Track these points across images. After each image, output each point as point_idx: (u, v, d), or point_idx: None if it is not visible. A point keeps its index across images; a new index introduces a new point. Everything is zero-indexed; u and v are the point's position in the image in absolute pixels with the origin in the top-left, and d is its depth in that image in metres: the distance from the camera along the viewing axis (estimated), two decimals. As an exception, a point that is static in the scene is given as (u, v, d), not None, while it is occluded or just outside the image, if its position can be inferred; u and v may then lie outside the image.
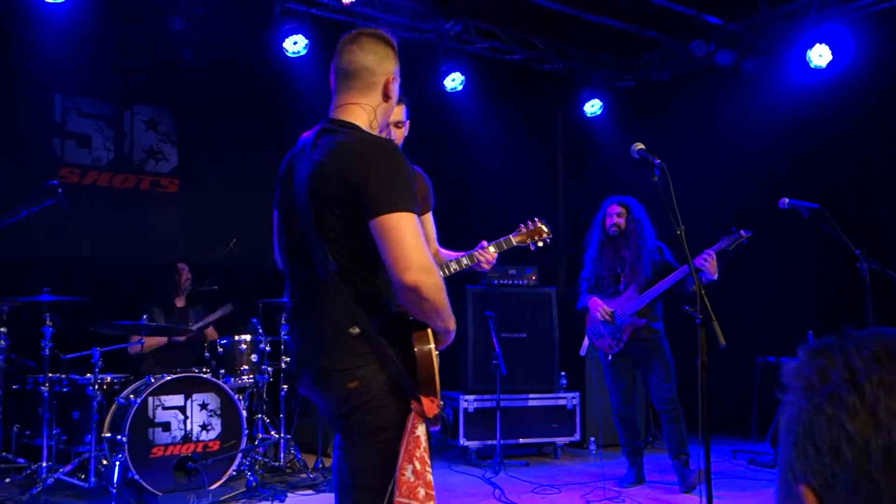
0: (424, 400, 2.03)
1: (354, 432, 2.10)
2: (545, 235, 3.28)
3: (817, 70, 6.41)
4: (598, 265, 5.14)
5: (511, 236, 3.27)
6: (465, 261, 3.14)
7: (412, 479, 2.00)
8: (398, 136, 3.20)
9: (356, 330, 2.04)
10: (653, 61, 7.72)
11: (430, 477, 2.04)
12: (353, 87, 2.16)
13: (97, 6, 5.92)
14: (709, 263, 4.62)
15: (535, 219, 3.33)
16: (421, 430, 2.04)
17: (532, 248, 3.29)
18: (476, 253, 3.20)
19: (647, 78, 7.91)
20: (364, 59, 2.15)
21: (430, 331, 2.08)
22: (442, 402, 2.10)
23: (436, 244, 3.55)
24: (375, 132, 2.17)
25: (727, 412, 6.68)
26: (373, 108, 2.15)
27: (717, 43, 6.78)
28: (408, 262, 1.94)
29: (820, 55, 6.34)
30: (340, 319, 2.05)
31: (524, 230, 3.30)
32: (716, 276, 4.65)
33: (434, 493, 2.05)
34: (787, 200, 4.24)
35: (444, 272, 3.07)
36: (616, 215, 5.08)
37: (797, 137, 6.65)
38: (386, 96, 2.19)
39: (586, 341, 5.21)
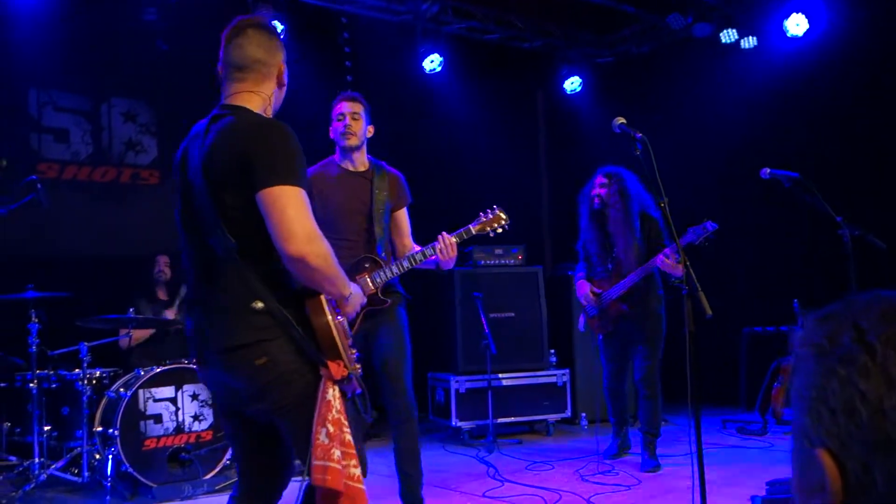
0: (330, 364, 2.11)
1: (274, 412, 2.17)
2: (503, 222, 3.44)
3: (794, 39, 6.44)
4: (588, 239, 5.09)
5: (471, 226, 3.44)
6: (427, 251, 3.24)
7: (326, 441, 2.07)
8: (339, 128, 3.65)
9: (259, 304, 2.10)
10: (631, 36, 7.72)
11: (347, 437, 2.13)
12: (246, 79, 2.26)
13: (69, -2, 5.85)
14: (668, 264, 4.62)
15: (494, 207, 3.49)
16: (332, 394, 2.11)
17: (491, 234, 3.46)
18: (436, 246, 3.37)
19: (626, 53, 7.91)
20: (255, 52, 2.25)
21: (322, 298, 2.17)
22: (354, 366, 2.21)
23: (409, 239, 3.71)
24: (270, 116, 2.28)
25: (716, 382, 6.75)
26: (267, 95, 2.27)
27: (695, 15, 6.78)
28: (290, 233, 2.02)
29: (797, 24, 6.37)
30: (241, 294, 2.11)
31: (483, 219, 3.46)
32: (681, 273, 4.61)
33: (354, 451, 2.15)
34: (768, 170, 4.25)
35: (400, 268, 3.27)
36: (599, 186, 4.96)
37: (777, 107, 6.69)
38: (280, 83, 2.32)
39: (582, 318, 5.23)
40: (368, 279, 3.44)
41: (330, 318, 2.16)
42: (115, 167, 6.48)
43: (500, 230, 3.44)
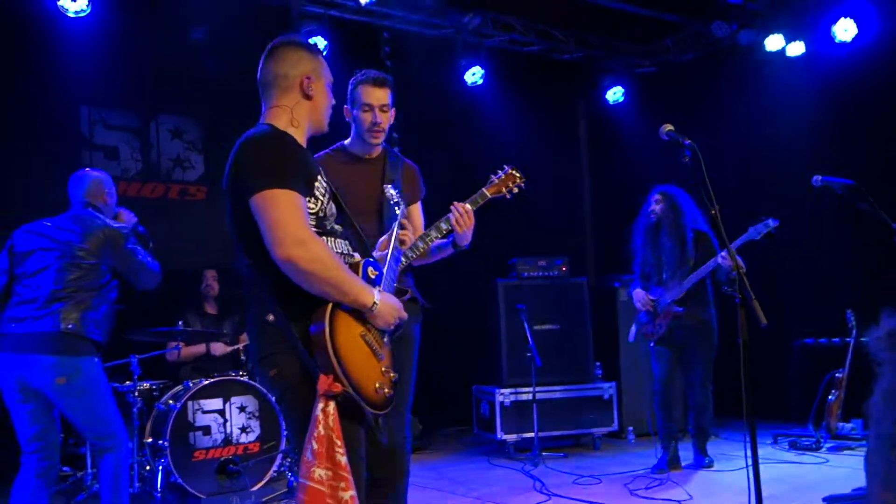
0: (321, 377, 2.04)
1: (287, 424, 2.24)
2: (518, 180, 3.09)
3: (843, 45, 6.31)
4: (644, 253, 5.30)
5: (484, 189, 3.07)
6: (441, 226, 2.86)
7: (310, 458, 2.02)
8: (366, 120, 3.09)
9: (270, 317, 2.14)
10: (674, 45, 7.64)
11: (339, 458, 2.03)
12: (271, 95, 2.34)
13: (119, 18, 5.99)
14: (727, 260, 4.70)
15: (505, 165, 3.15)
16: (321, 409, 2.03)
17: (508, 196, 3.08)
18: (450, 218, 2.93)
19: (668, 62, 7.83)
20: (277, 67, 2.32)
21: (328, 307, 2.09)
22: (344, 382, 2.05)
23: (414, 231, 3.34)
24: (301, 128, 2.31)
25: (766, 396, 6.60)
26: (289, 107, 2.31)
27: (739, 22, 6.69)
28: (278, 238, 2.04)
29: (845, 29, 6.25)
30: (258, 309, 2.17)
31: (495, 179, 3.10)
32: (742, 269, 4.70)
33: (347, 473, 2.03)
34: (819, 178, 4.17)
35: (418, 250, 2.78)
36: (654, 203, 5.24)
37: (825, 114, 6.55)
38: (305, 95, 2.32)
39: (634, 328, 5.39)
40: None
41: (327, 329, 2.05)
42: (163, 183, 6.60)
43: (516, 190, 3.04)
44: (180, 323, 5.29)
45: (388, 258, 2.50)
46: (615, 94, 7.73)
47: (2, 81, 5.79)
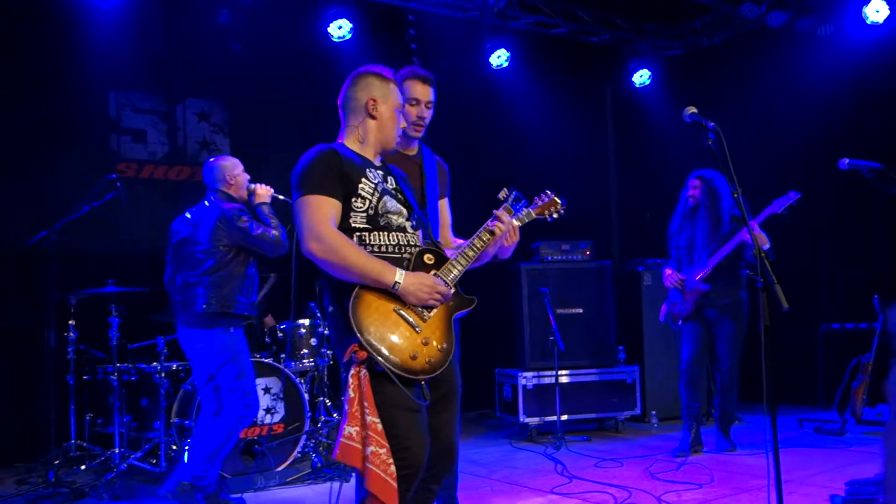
0: (351, 346, 2.39)
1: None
2: (559, 208, 3.14)
3: (874, 26, 6.19)
4: (679, 236, 5.36)
5: (530, 209, 3.10)
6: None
7: (344, 418, 2.37)
8: (412, 113, 3.22)
9: (331, 308, 2.57)
10: (702, 27, 7.53)
11: (371, 420, 2.34)
12: (346, 116, 2.75)
13: (147, 2, 6.04)
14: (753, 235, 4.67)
15: (548, 191, 3.18)
16: (351, 375, 2.37)
17: (549, 220, 3.15)
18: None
19: (696, 44, 7.72)
20: (350, 92, 2.73)
21: (354, 289, 2.43)
22: (368, 349, 2.36)
23: (449, 231, 3.43)
24: (368, 144, 2.70)
25: (792, 380, 6.55)
26: (356, 126, 2.71)
27: (769, 4, 6.58)
28: (302, 236, 2.48)
29: (877, 10, 6.13)
30: (326, 302, 2.60)
31: (540, 203, 3.14)
32: (767, 246, 4.82)
33: (380, 436, 2.35)
34: (847, 161, 4.11)
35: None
36: (692, 188, 5.29)
37: (855, 96, 6.45)
38: (370, 115, 2.69)
39: (664, 307, 5.42)
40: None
41: (350, 305, 2.39)
42: (189, 166, 6.66)
43: (556, 216, 3.11)
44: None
45: (463, 247, 2.73)
46: (642, 77, 7.65)
47: (32, 66, 5.87)
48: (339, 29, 6.29)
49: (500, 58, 6.97)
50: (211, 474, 4.03)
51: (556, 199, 3.18)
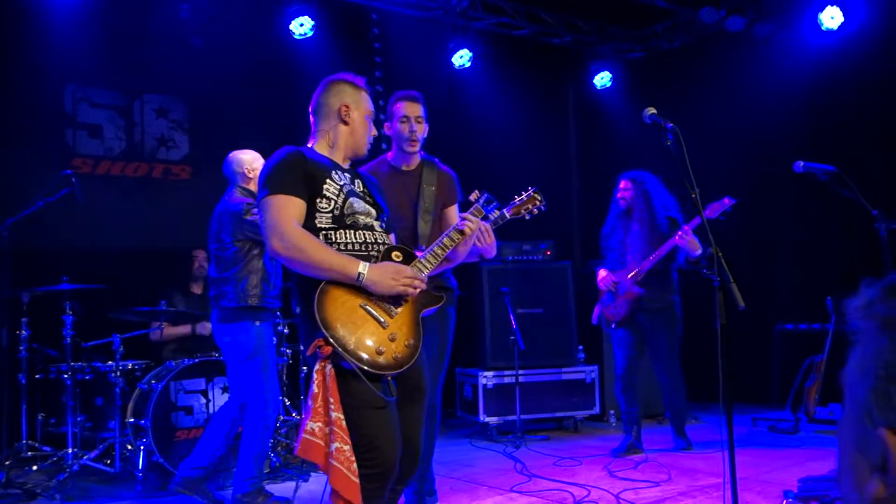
0: (315, 340, 2.40)
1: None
2: (538, 203, 3.24)
3: (829, 32, 6.34)
4: (612, 237, 5.31)
5: (505, 210, 3.20)
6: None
7: (306, 413, 2.39)
8: (404, 130, 3.60)
9: (298, 309, 2.58)
10: (662, 31, 7.64)
11: (335, 416, 2.35)
12: (317, 121, 2.80)
13: (105, -4, 5.93)
14: (685, 241, 4.82)
15: (529, 188, 3.28)
16: (316, 370, 2.39)
17: (527, 217, 3.24)
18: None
19: (657, 48, 7.83)
20: (322, 98, 2.79)
21: (320, 284, 2.44)
22: (333, 344, 2.36)
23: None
24: (338, 149, 2.76)
25: (746, 380, 6.67)
26: (327, 130, 2.77)
27: (728, 9, 6.69)
28: (266, 235, 2.51)
29: (832, 17, 6.28)
30: (295, 302, 2.62)
31: (517, 202, 3.25)
32: (700, 252, 4.85)
33: (342, 431, 2.34)
34: (802, 164, 4.20)
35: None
36: (623, 190, 5.25)
37: (811, 101, 6.59)
38: (342, 121, 2.75)
39: (597, 309, 5.39)
40: None
41: (315, 300, 2.39)
42: (147, 163, 6.56)
43: (535, 212, 3.24)
44: (163, 303, 5.28)
45: (433, 246, 2.77)
46: (603, 80, 7.73)
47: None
48: (301, 26, 6.24)
49: (462, 58, 6.99)
50: (259, 468, 4.02)
51: (535, 195, 3.24)
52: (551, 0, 7.22)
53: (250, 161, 4.29)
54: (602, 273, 5.29)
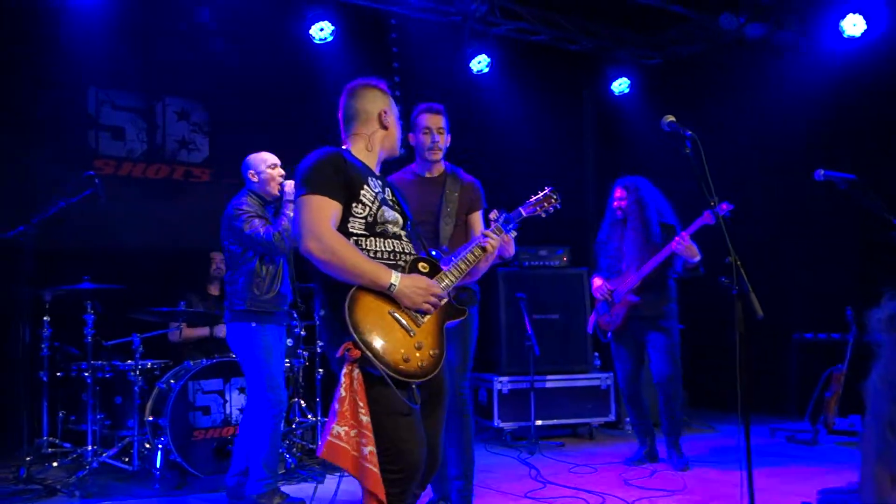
0: (344, 344, 2.40)
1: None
2: (555, 201, 3.23)
3: (851, 40, 6.30)
4: (607, 244, 5.21)
5: (521, 209, 3.21)
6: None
7: (332, 417, 2.38)
8: (426, 141, 3.80)
9: (323, 312, 2.58)
10: (681, 37, 7.62)
11: (362, 418, 2.35)
12: (353, 125, 2.82)
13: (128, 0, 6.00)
14: (683, 247, 4.70)
15: (545, 186, 3.27)
16: (343, 374, 2.38)
17: (543, 215, 3.23)
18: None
19: (675, 54, 7.81)
20: (357, 103, 2.82)
21: (351, 289, 2.44)
22: (361, 347, 2.36)
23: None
24: (374, 152, 2.81)
25: (764, 390, 6.63)
26: (367, 135, 2.81)
27: (748, 15, 6.67)
28: (299, 234, 2.51)
29: (854, 24, 6.23)
30: (319, 305, 2.62)
31: (533, 200, 3.24)
32: (698, 258, 4.75)
33: (370, 432, 2.36)
34: (822, 172, 4.16)
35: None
36: (618, 199, 5.15)
37: (832, 108, 6.55)
38: (383, 125, 2.82)
39: (592, 318, 5.29)
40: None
41: (346, 304, 2.39)
42: (167, 164, 6.63)
43: (552, 210, 3.25)
44: (182, 303, 5.33)
45: (456, 259, 2.80)
46: (621, 86, 7.72)
47: (11, 62, 5.82)
48: (321, 31, 6.29)
49: (480, 63, 7.00)
50: (254, 473, 4.04)
51: (551, 194, 3.24)
52: (569, 6, 7.23)
53: (256, 163, 4.29)
54: (597, 281, 5.17)
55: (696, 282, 4.85)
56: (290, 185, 4.23)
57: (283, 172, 4.28)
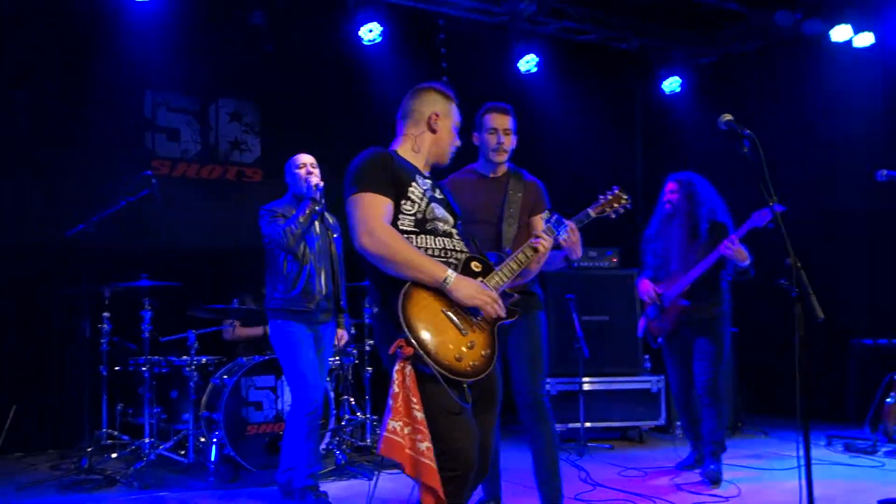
0: (397, 340, 2.41)
1: None
2: (624, 201, 3.22)
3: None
4: (655, 245, 5.01)
5: (589, 209, 3.21)
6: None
7: (387, 412, 2.39)
8: (491, 141, 3.69)
9: (376, 309, 2.62)
10: (735, 35, 7.48)
11: (416, 414, 2.37)
12: (405, 125, 2.84)
13: (182, 4, 6.13)
14: (732, 251, 4.46)
15: (614, 187, 3.25)
16: (396, 371, 2.40)
17: (613, 216, 3.22)
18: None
19: (728, 52, 7.68)
20: (413, 104, 2.83)
21: (406, 285, 2.46)
22: (414, 345, 2.37)
23: None
24: (421, 154, 2.80)
25: (821, 395, 6.47)
26: (414, 136, 2.81)
27: (805, 12, 6.53)
28: (354, 231, 2.53)
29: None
30: (372, 301, 2.71)
31: (602, 200, 3.23)
32: (748, 262, 4.51)
33: (424, 427, 2.36)
34: (884, 172, 4.06)
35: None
36: (669, 192, 4.93)
37: (892, 107, 6.36)
38: (431, 129, 2.80)
39: (642, 322, 5.10)
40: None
41: (400, 300, 2.41)
42: (221, 165, 6.75)
43: (621, 210, 3.22)
44: (235, 301, 5.42)
45: (508, 259, 2.79)
46: (672, 85, 7.62)
47: (73, 67, 6.00)
48: (370, 32, 6.34)
49: (528, 63, 6.98)
50: (296, 469, 4.10)
51: (620, 193, 3.22)
52: (619, 5, 7.17)
53: (291, 164, 4.37)
54: (645, 284, 4.93)
55: (751, 284, 4.70)
56: (314, 181, 4.27)
57: (311, 171, 4.30)
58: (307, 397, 4.09)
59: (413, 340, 2.38)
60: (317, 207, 4.21)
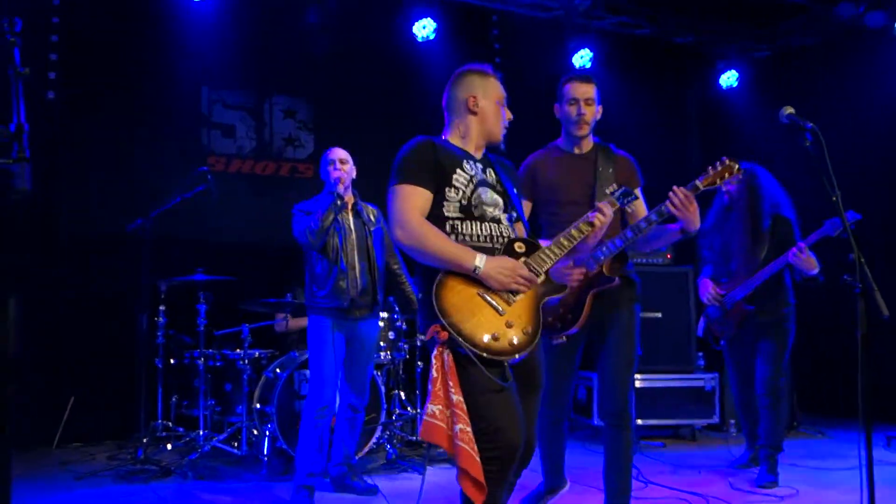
0: (432, 326, 2.46)
1: None
2: (736, 171, 3.08)
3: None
4: (712, 235, 4.81)
5: (697, 181, 3.08)
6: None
7: (428, 396, 2.44)
8: (572, 112, 3.47)
9: (420, 295, 2.65)
10: (793, 28, 7.30)
11: (454, 397, 2.40)
12: (449, 115, 2.87)
13: (238, 2, 6.24)
14: (801, 259, 4.31)
15: (723, 157, 3.12)
16: (434, 355, 2.45)
17: (723, 187, 3.13)
18: (670, 203, 3.03)
19: (787, 46, 7.49)
20: (451, 92, 2.85)
21: (439, 273, 2.52)
22: (449, 330, 2.42)
23: (636, 220, 3.31)
24: (470, 139, 2.81)
25: (881, 395, 6.26)
26: (458, 123, 2.83)
27: (867, 4, 6.33)
28: (390, 223, 2.61)
29: None
30: (416, 290, 2.76)
31: (711, 171, 3.10)
32: (816, 270, 4.37)
33: (463, 412, 2.39)
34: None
35: (625, 240, 2.92)
36: (728, 181, 4.72)
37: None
38: (471, 111, 2.80)
39: (702, 322, 4.97)
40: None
41: (434, 287, 2.48)
42: (274, 161, 6.84)
43: (734, 181, 3.10)
44: (289, 295, 5.49)
45: (559, 237, 2.73)
46: (729, 79, 7.48)
47: (131, 63, 6.14)
48: (424, 28, 6.36)
49: (583, 58, 6.92)
50: (304, 465, 4.11)
51: (730, 163, 3.06)
52: (674, -1, 7.06)
53: (324, 161, 4.39)
54: (706, 284, 4.77)
55: (811, 279, 4.58)
56: (343, 181, 4.26)
57: (339, 166, 4.31)
58: (320, 395, 4.10)
59: (447, 325, 2.43)
60: (339, 202, 4.15)
